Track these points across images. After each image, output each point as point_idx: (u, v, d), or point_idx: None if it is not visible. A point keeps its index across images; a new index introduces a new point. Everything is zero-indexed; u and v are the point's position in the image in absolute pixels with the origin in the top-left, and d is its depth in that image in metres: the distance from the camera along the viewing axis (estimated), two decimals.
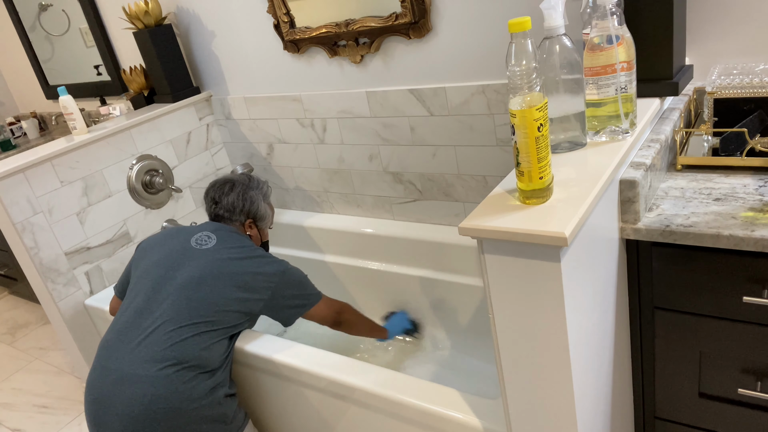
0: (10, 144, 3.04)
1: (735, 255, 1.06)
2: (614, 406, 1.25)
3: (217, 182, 1.79)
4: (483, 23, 1.67)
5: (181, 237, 1.64)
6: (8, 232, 1.98)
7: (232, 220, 1.74)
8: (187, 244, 1.61)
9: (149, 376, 1.38)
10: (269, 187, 1.86)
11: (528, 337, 1.01)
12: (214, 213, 1.76)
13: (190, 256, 1.57)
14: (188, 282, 1.50)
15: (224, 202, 1.74)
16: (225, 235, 1.65)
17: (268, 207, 1.82)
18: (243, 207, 1.74)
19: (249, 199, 1.75)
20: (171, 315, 1.46)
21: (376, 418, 1.43)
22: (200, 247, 1.59)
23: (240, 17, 2.18)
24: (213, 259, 1.55)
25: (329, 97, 2.10)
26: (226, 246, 1.60)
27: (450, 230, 2.02)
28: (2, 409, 2.49)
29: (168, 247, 1.62)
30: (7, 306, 3.44)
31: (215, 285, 1.51)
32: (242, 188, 1.76)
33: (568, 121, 1.11)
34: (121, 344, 1.45)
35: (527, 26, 0.88)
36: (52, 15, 2.81)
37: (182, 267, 1.54)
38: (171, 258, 1.57)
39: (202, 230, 1.66)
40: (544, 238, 0.88)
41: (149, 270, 1.57)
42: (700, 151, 1.31)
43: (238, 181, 1.78)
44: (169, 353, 1.41)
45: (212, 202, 1.76)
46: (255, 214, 1.77)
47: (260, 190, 1.80)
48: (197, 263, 1.54)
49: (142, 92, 2.44)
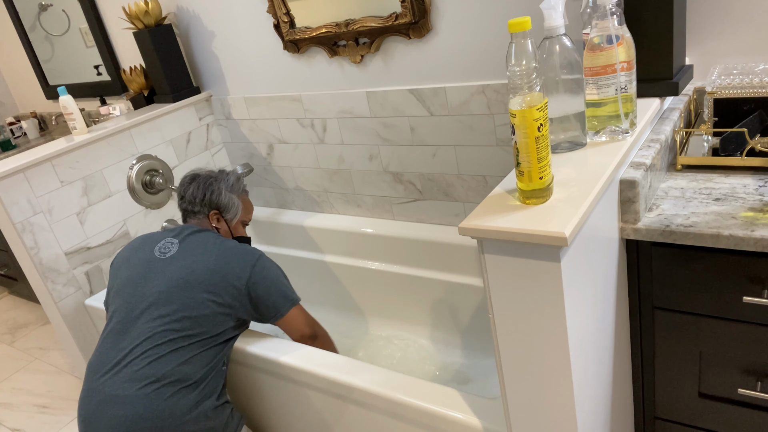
0: (10, 144, 3.04)
1: (735, 255, 1.06)
2: (614, 406, 1.25)
3: (184, 178, 1.77)
4: (483, 23, 1.67)
5: (145, 249, 1.62)
6: (8, 232, 1.98)
7: (195, 212, 1.72)
8: (150, 256, 1.58)
9: (129, 396, 1.38)
10: (241, 181, 1.81)
11: (528, 337, 1.01)
12: (182, 209, 1.75)
13: (155, 268, 1.55)
14: (157, 299, 1.49)
15: (187, 195, 1.72)
16: (188, 236, 1.62)
17: (238, 198, 1.77)
18: (204, 197, 1.71)
19: (210, 190, 1.71)
20: (147, 334, 1.45)
21: (376, 418, 1.43)
22: (164, 256, 1.57)
23: (240, 17, 2.18)
24: (177, 268, 1.53)
25: (329, 97, 2.10)
26: (188, 250, 1.57)
27: (450, 230, 2.02)
28: (2, 409, 2.49)
29: (133, 262, 1.60)
30: (7, 306, 3.44)
31: (184, 296, 1.49)
32: (204, 180, 1.73)
33: (568, 121, 1.11)
34: (102, 366, 1.45)
35: (527, 26, 0.88)
36: (52, 15, 2.81)
37: (149, 282, 1.53)
38: (137, 274, 1.55)
39: (165, 236, 1.64)
40: (544, 238, 0.88)
41: (120, 290, 1.56)
42: (700, 151, 1.31)
43: (201, 174, 1.76)
44: (147, 371, 1.40)
45: (179, 198, 1.75)
46: (218, 205, 1.72)
47: (226, 181, 1.75)
48: (163, 276, 1.52)
49: (142, 92, 2.44)
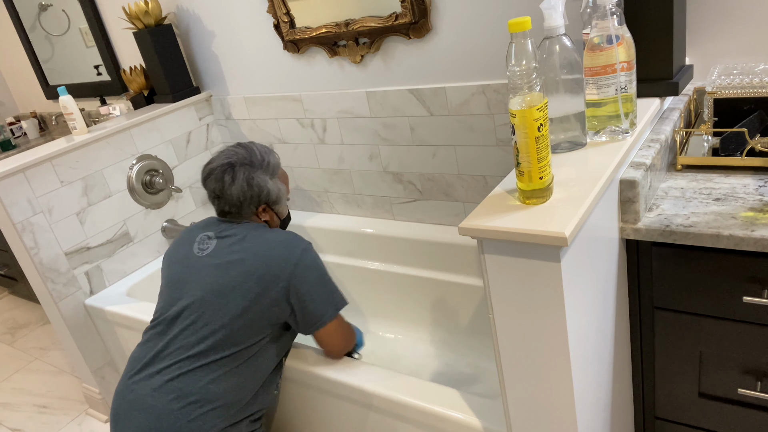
0: (10, 144, 3.04)
1: (735, 255, 1.06)
2: (614, 406, 1.25)
3: (215, 169, 1.51)
4: (483, 23, 1.67)
5: (186, 244, 1.52)
6: (8, 232, 1.97)
7: (241, 214, 1.51)
8: (190, 252, 1.49)
9: (157, 408, 1.33)
10: (275, 155, 1.58)
11: (528, 337, 1.01)
12: (219, 209, 1.53)
13: (193, 267, 1.45)
14: (191, 303, 1.41)
15: (228, 197, 1.49)
16: (225, 230, 1.48)
17: (279, 181, 1.56)
18: (252, 197, 1.49)
19: (256, 186, 1.49)
20: (180, 342, 1.39)
21: (376, 418, 1.43)
22: (201, 254, 1.47)
23: (240, 17, 2.18)
24: (212, 270, 1.42)
25: (329, 97, 2.10)
26: (225, 247, 1.44)
27: (450, 230, 2.02)
28: (2, 409, 2.49)
29: (174, 260, 1.52)
30: (7, 306, 3.44)
31: (218, 302, 1.38)
32: (245, 174, 1.48)
33: (568, 121, 1.11)
34: (137, 363, 1.42)
35: (527, 26, 0.88)
36: (52, 15, 2.81)
37: (186, 284, 1.44)
38: (176, 274, 1.48)
39: (204, 230, 1.52)
40: (544, 238, 0.88)
41: (164, 289, 1.51)
42: (700, 151, 1.31)
43: (238, 164, 1.50)
44: (175, 384, 1.35)
45: (214, 196, 1.52)
46: (267, 199, 1.52)
47: (265, 166, 1.52)
48: (198, 278, 1.43)
49: (142, 92, 2.44)
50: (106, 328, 2.15)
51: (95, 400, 2.30)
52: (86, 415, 2.36)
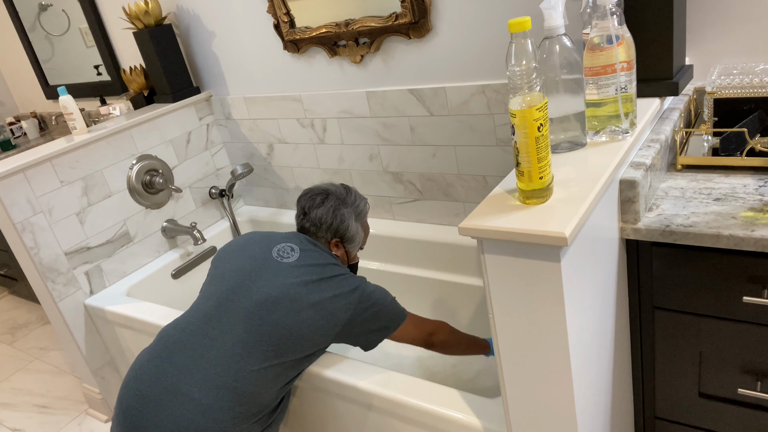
0: (10, 144, 3.04)
1: (735, 255, 1.06)
2: (614, 406, 1.25)
3: (312, 191, 1.62)
4: (483, 23, 1.67)
5: (263, 245, 1.51)
6: (8, 232, 1.98)
7: (317, 235, 1.57)
8: (268, 254, 1.47)
9: (202, 405, 1.28)
10: (367, 205, 1.67)
11: (528, 337, 1.01)
12: (300, 224, 1.60)
13: (270, 268, 1.44)
14: (264, 300, 1.38)
15: (312, 215, 1.57)
16: (309, 250, 1.51)
17: (361, 227, 1.64)
18: (331, 224, 1.57)
19: (340, 217, 1.57)
20: (241, 335, 1.35)
21: (376, 418, 1.43)
22: (281, 260, 1.45)
23: (240, 17, 2.19)
24: (292, 277, 1.41)
25: (329, 97, 2.10)
26: (308, 263, 1.46)
27: (450, 230, 2.02)
28: (2, 409, 2.49)
29: (248, 253, 1.50)
30: (7, 306, 3.44)
31: (291, 307, 1.37)
32: (335, 203, 1.58)
33: (568, 121, 1.11)
34: (184, 347, 1.36)
35: (527, 26, 0.88)
36: (52, 15, 2.81)
37: (259, 279, 1.42)
38: (250, 266, 1.45)
39: (286, 241, 1.52)
40: (544, 238, 0.88)
41: (225, 275, 1.46)
42: (700, 151, 1.31)
43: (333, 194, 1.60)
44: (230, 382, 1.31)
45: (301, 211, 1.61)
46: (344, 234, 1.58)
47: (355, 207, 1.61)
48: (275, 280, 1.41)
49: (142, 92, 2.44)
50: (106, 328, 2.15)
51: (95, 400, 2.31)
52: (86, 415, 2.36)
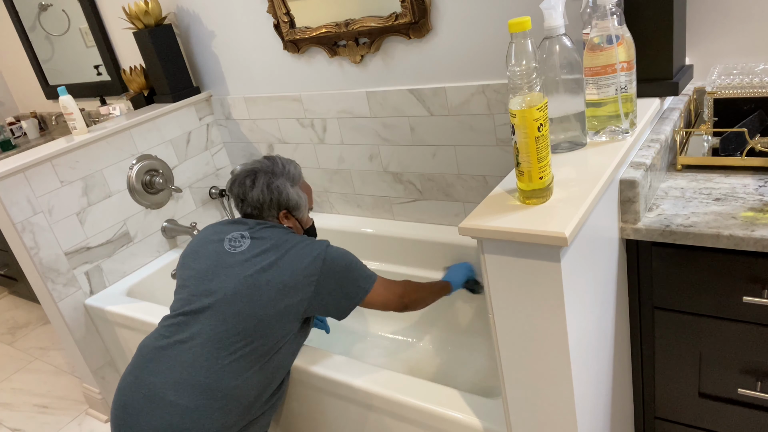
0: (10, 144, 3.04)
1: (735, 255, 1.06)
2: (614, 406, 1.25)
3: (239, 176, 1.59)
4: (483, 23, 1.67)
5: (215, 240, 1.52)
6: (8, 232, 1.97)
7: (263, 216, 1.57)
8: (220, 248, 1.49)
9: (179, 406, 1.30)
10: (297, 167, 1.64)
11: (528, 337, 1.01)
12: (243, 212, 1.60)
13: (224, 263, 1.45)
14: (223, 296, 1.39)
15: (249, 199, 1.56)
16: (259, 232, 1.50)
17: (301, 190, 1.62)
18: (271, 200, 1.55)
19: (276, 191, 1.55)
20: (208, 333, 1.36)
21: (376, 418, 1.43)
22: (234, 250, 1.47)
23: (240, 17, 2.18)
24: (247, 264, 1.42)
25: (329, 97, 2.10)
26: (260, 246, 1.46)
27: (450, 230, 2.02)
28: (2, 409, 2.49)
29: (202, 254, 1.51)
30: (7, 306, 3.44)
31: (252, 295, 1.38)
32: (265, 179, 1.56)
33: (568, 121, 1.11)
34: (158, 355, 1.38)
35: (527, 26, 0.88)
36: (52, 15, 2.81)
37: (216, 277, 1.43)
38: (205, 267, 1.47)
39: (236, 229, 1.53)
40: (544, 238, 0.88)
41: (187, 281, 1.48)
42: (700, 151, 1.31)
43: (260, 171, 1.58)
44: (203, 379, 1.33)
45: (238, 199, 1.59)
46: (287, 205, 1.57)
47: (286, 174, 1.59)
48: (231, 272, 1.42)
49: (142, 92, 2.44)
50: (106, 328, 2.15)
51: (95, 400, 2.31)
52: (86, 415, 2.36)
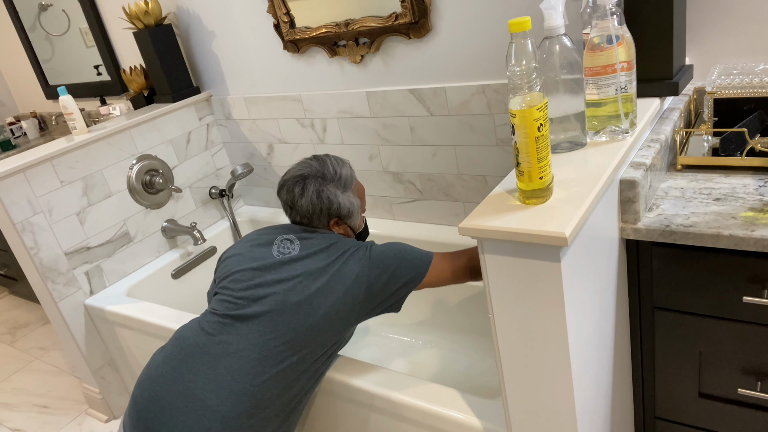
0: (10, 144, 3.04)
1: (735, 255, 1.06)
2: (614, 406, 1.25)
3: (287, 182, 1.52)
4: (483, 23, 1.67)
5: (262, 243, 1.48)
6: (8, 232, 1.97)
7: (313, 225, 1.51)
8: (268, 253, 1.44)
9: (219, 413, 1.26)
10: (349, 169, 1.56)
11: (528, 337, 1.01)
12: (292, 219, 1.55)
13: (273, 268, 1.41)
14: (273, 303, 1.35)
15: (298, 208, 1.50)
16: (308, 237, 1.47)
17: (353, 194, 1.55)
18: (321, 209, 1.48)
19: (327, 200, 1.48)
20: (256, 339, 1.32)
21: (377, 418, 1.43)
22: (282, 256, 1.42)
23: (240, 17, 2.19)
24: (296, 272, 1.39)
25: (329, 97, 2.10)
26: (309, 251, 1.42)
27: (450, 230, 2.02)
28: (2, 409, 2.49)
29: (248, 256, 1.46)
30: (7, 306, 3.44)
31: (301, 303, 1.34)
32: (316, 186, 1.48)
33: (568, 121, 1.11)
34: (199, 351, 1.33)
35: (527, 26, 0.88)
36: (52, 15, 2.81)
37: (266, 284, 1.39)
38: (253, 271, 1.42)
39: (285, 233, 1.49)
40: (544, 238, 0.88)
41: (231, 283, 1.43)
42: (700, 151, 1.31)
43: (310, 176, 1.50)
44: (248, 387, 1.29)
45: (287, 206, 1.53)
46: (338, 213, 1.50)
47: (337, 180, 1.51)
48: (280, 278, 1.39)
49: (142, 92, 2.44)
50: (106, 328, 2.15)
51: (95, 400, 2.31)
52: (86, 415, 2.36)
